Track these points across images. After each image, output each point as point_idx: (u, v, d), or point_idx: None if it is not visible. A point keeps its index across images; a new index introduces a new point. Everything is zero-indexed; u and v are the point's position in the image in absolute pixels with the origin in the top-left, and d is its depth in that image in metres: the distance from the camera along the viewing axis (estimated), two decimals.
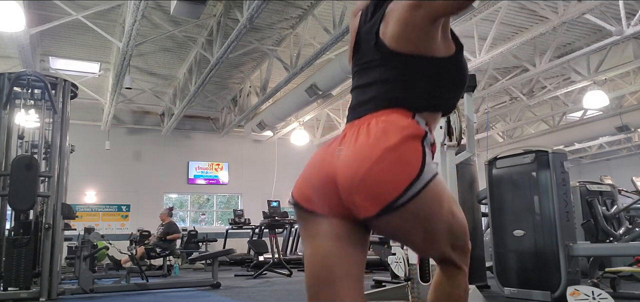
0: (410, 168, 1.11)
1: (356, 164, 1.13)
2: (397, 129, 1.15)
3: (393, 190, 1.09)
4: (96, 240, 6.32)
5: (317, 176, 1.21)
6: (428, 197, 1.12)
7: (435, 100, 1.28)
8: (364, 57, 1.32)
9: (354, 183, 1.12)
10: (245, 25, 6.43)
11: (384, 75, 1.25)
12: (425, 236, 1.19)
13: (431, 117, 1.27)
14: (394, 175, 1.10)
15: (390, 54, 1.23)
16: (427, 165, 1.13)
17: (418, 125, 1.19)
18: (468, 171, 5.30)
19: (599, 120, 11.85)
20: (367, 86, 1.29)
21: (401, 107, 1.22)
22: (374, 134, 1.15)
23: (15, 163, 4.67)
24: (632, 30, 6.77)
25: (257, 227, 10.62)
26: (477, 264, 4.99)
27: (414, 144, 1.14)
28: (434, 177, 1.14)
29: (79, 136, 9.24)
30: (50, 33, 7.90)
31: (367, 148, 1.14)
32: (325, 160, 1.22)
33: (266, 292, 5.50)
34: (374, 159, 1.11)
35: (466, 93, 4.19)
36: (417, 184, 1.10)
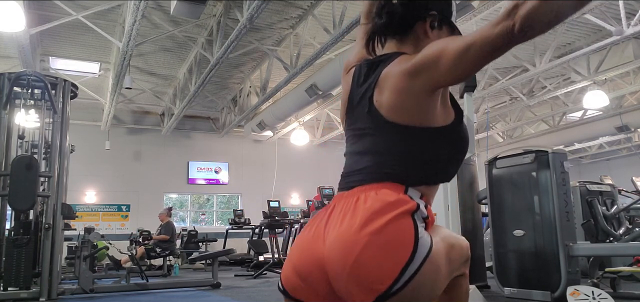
0: (402, 251, 1.04)
1: (344, 252, 1.06)
2: (384, 207, 1.08)
3: (386, 278, 1.03)
4: (96, 240, 6.32)
5: (305, 263, 1.14)
6: (425, 274, 1.06)
7: (432, 172, 1.21)
8: (356, 122, 1.26)
9: (344, 273, 1.06)
10: (245, 25, 6.43)
11: (377, 145, 1.19)
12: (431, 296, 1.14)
13: (428, 190, 1.21)
14: (386, 261, 1.04)
15: (385, 123, 1.17)
16: (420, 242, 1.06)
17: (408, 199, 1.12)
18: (468, 171, 5.29)
19: (599, 120, 11.86)
20: (359, 154, 1.23)
21: (393, 180, 1.16)
22: (361, 215, 1.09)
23: (15, 163, 4.67)
24: (632, 30, 6.77)
25: (257, 227, 10.62)
26: (477, 264, 4.99)
27: (404, 222, 1.08)
28: (428, 253, 1.07)
29: (79, 136, 9.25)
30: (50, 33, 7.90)
31: (353, 233, 1.07)
32: (311, 244, 1.15)
33: (266, 292, 5.50)
34: (361, 245, 1.05)
35: (466, 93, 4.20)
36: (411, 267, 1.04)
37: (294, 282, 1.16)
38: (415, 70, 1.10)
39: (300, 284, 1.14)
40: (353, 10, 6.66)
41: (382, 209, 1.08)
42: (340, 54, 8.14)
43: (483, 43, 1.00)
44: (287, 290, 1.18)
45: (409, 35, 1.27)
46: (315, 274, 1.12)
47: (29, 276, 4.61)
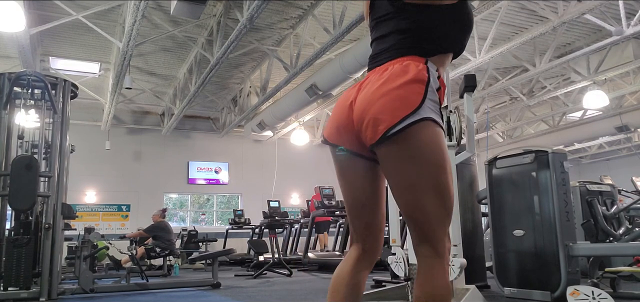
0: (408, 104, 1.26)
1: (367, 101, 1.32)
2: (405, 73, 1.31)
3: (390, 120, 1.25)
4: (96, 240, 6.32)
5: (340, 114, 1.41)
6: (420, 133, 1.26)
7: (446, 43, 1.42)
8: (379, 11, 1.47)
9: (363, 116, 1.32)
10: (245, 25, 6.43)
11: (399, 25, 1.40)
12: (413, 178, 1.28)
13: (442, 59, 1.42)
14: (394, 108, 1.26)
15: (403, 5, 1.39)
16: (425, 105, 1.27)
17: (424, 71, 1.32)
18: (468, 170, 5.29)
19: (599, 120, 11.86)
20: (384, 37, 1.44)
21: (415, 54, 1.37)
22: (386, 78, 1.32)
23: (15, 163, 4.67)
24: (632, 30, 6.78)
25: (257, 227, 10.62)
26: (477, 264, 4.99)
27: (417, 86, 1.29)
28: (429, 119, 1.27)
29: (79, 136, 9.26)
30: (50, 33, 7.91)
31: (378, 88, 1.31)
32: (346, 103, 1.40)
33: (266, 292, 5.50)
34: (380, 95, 1.29)
35: (466, 93, 4.19)
36: (410, 118, 1.25)
37: (331, 130, 1.45)
38: None
39: (335, 133, 1.44)
40: (353, 10, 6.66)
41: (404, 74, 1.31)
42: (340, 54, 8.14)
43: None
44: (326, 138, 1.48)
45: None
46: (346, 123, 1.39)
47: (29, 276, 4.61)
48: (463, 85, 4.22)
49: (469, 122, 4.07)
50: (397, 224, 4.32)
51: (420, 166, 1.28)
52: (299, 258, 9.18)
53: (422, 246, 1.32)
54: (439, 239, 1.30)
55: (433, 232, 1.30)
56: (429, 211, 1.28)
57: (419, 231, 1.32)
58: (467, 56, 8.18)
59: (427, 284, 1.29)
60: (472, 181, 5.39)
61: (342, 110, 1.41)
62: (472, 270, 4.45)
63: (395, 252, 4.06)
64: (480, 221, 5.50)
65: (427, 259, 1.31)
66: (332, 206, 8.32)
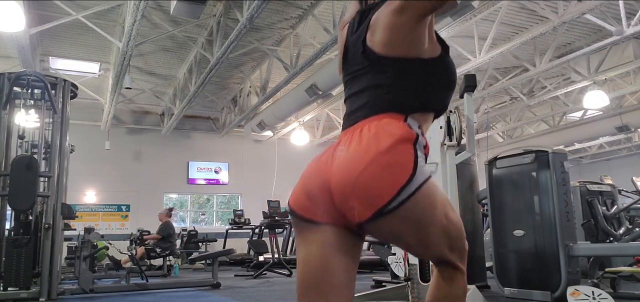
0: (402, 172, 1.13)
1: (349, 169, 1.15)
2: (388, 133, 1.18)
3: (385, 194, 1.11)
4: (96, 240, 6.32)
5: (313, 183, 1.23)
6: (420, 200, 1.14)
7: (426, 100, 1.30)
8: (353, 65, 1.35)
9: (347, 188, 1.14)
10: (245, 25, 6.43)
11: (374, 80, 1.28)
12: (420, 239, 1.21)
13: (423, 118, 1.29)
14: (386, 179, 1.12)
15: (378, 59, 1.27)
16: (419, 168, 1.15)
17: (409, 128, 1.21)
18: (468, 170, 5.29)
19: (599, 120, 11.85)
20: (358, 93, 1.31)
21: (393, 111, 1.24)
22: (366, 139, 1.18)
23: (15, 163, 4.67)
24: (632, 30, 6.77)
25: (257, 227, 10.62)
26: (477, 264, 4.99)
27: (406, 147, 1.16)
28: (426, 181, 1.16)
29: (79, 136, 9.25)
30: (50, 33, 7.90)
31: (359, 153, 1.16)
32: (320, 167, 1.24)
33: (266, 292, 5.50)
34: (365, 163, 1.13)
35: (466, 93, 4.19)
36: (408, 188, 1.12)
37: (301, 202, 1.25)
38: (402, 6, 1.20)
39: (307, 203, 1.24)
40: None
41: (387, 134, 1.18)
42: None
43: None
44: (294, 209, 1.27)
45: None
46: (321, 193, 1.20)
47: (29, 276, 4.61)
48: (463, 85, 4.21)
49: (469, 122, 4.07)
50: None
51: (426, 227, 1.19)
52: None
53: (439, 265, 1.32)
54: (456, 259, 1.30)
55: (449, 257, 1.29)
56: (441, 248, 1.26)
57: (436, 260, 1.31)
58: (467, 56, 8.17)
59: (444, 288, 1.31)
60: (472, 181, 5.40)
61: (315, 178, 1.23)
62: (472, 270, 4.43)
63: (395, 252, 4.06)
64: (480, 221, 5.50)
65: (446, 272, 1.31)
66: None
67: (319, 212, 1.22)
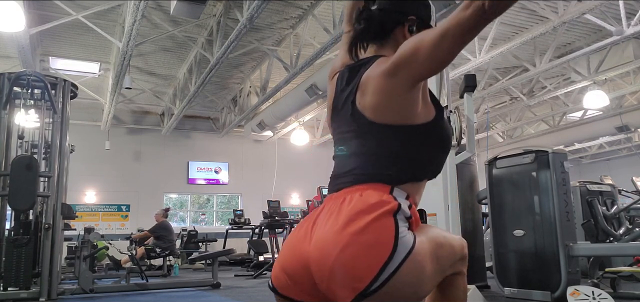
0: (381, 250, 1.07)
1: (326, 250, 1.10)
2: (367, 208, 1.11)
3: (365, 276, 1.05)
4: (96, 240, 6.31)
5: (292, 262, 1.18)
6: (405, 274, 1.07)
7: (417, 170, 1.23)
8: (341, 126, 1.30)
9: (325, 272, 1.09)
10: (245, 25, 6.43)
11: (362, 147, 1.22)
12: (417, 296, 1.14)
13: (414, 188, 1.23)
14: (365, 259, 1.06)
15: (368, 124, 1.20)
16: (400, 242, 1.08)
17: (391, 200, 1.14)
18: (468, 170, 5.29)
19: (599, 120, 11.85)
20: (346, 158, 1.27)
21: (378, 181, 1.18)
22: (344, 216, 1.12)
23: (15, 163, 4.67)
24: (632, 30, 6.77)
25: (257, 227, 10.62)
26: (477, 264, 4.99)
27: (385, 222, 1.10)
28: (409, 253, 1.08)
29: (79, 136, 9.25)
30: (50, 33, 7.90)
31: (335, 233, 1.10)
32: (298, 244, 1.18)
33: (266, 292, 5.49)
34: (342, 245, 1.08)
35: (466, 93, 4.19)
36: (389, 266, 1.06)
37: (282, 280, 1.20)
38: (395, 68, 1.13)
39: (288, 282, 1.18)
40: None
41: (365, 210, 1.11)
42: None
43: (457, 27, 1.03)
44: (276, 288, 1.22)
45: (389, 40, 1.31)
46: (301, 273, 1.15)
47: (29, 276, 4.61)
48: (463, 85, 4.21)
49: (469, 122, 4.07)
50: None
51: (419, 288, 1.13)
52: None
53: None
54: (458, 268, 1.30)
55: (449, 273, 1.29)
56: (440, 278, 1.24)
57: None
58: (467, 56, 8.18)
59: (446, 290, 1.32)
60: (472, 181, 5.39)
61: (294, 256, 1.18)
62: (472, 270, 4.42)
63: None
64: (480, 221, 5.50)
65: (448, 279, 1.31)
66: None
67: (299, 292, 1.17)
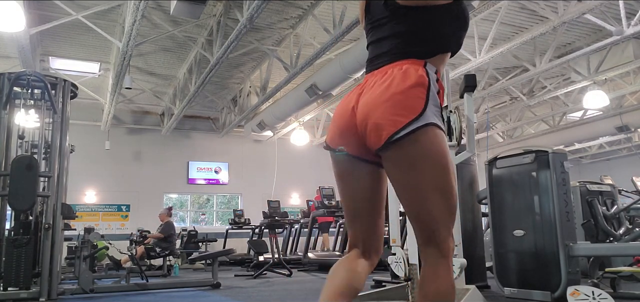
0: (412, 110, 1.27)
1: (369, 107, 1.33)
2: (406, 77, 1.32)
3: (393, 125, 1.27)
4: (96, 240, 6.31)
5: (342, 119, 1.41)
6: (423, 138, 1.27)
7: (443, 44, 1.43)
8: (375, 15, 1.48)
9: (366, 120, 1.32)
10: (245, 25, 6.43)
11: (395, 29, 1.41)
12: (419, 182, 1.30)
13: (440, 60, 1.43)
14: (397, 114, 1.28)
15: (399, 8, 1.39)
16: (427, 110, 1.28)
17: (425, 75, 1.33)
18: (468, 170, 5.29)
19: (599, 120, 11.85)
20: (380, 41, 1.45)
21: (413, 57, 1.37)
22: (387, 83, 1.33)
23: (15, 163, 4.66)
24: (632, 30, 6.77)
25: (257, 227, 10.62)
26: (477, 264, 4.99)
27: (419, 91, 1.30)
28: (432, 125, 1.29)
29: (79, 136, 9.25)
30: (50, 33, 7.90)
31: (379, 93, 1.32)
32: (347, 107, 1.40)
33: (266, 292, 5.50)
34: (382, 101, 1.30)
35: (466, 93, 4.19)
36: (414, 123, 1.26)
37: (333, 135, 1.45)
38: None
39: (338, 137, 1.43)
40: (353, 10, 6.66)
41: (405, 78, 1.32)
42: (340, 54, 8.13)
43: None
44: (328, 144, 1.47)
45: None
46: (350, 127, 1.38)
47: (29, 276, 4.61)
48: (463, 85, 4.21)
49: (469, 122, 4.07)
50: (397, 224, 4.31)
51: (424, 169, 1.29)
52: (299, 258, 9.18)
53: (426, 247, 1.34)
54: (444, 240, 1.33)
55: (437, 232, 1.32)
56: (433, 212, 1.31)
57: (424, 232, 1.34)
58: (467, 56, 8.17)
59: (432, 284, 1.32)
60: (472, 181, 5.39)
61: (344, 115, 1.41)
62: (472, 270, 4.45)
63: (395, 252, 4.06)
64: (480, 221, 5.50)
65: (431, 259, 1.33)
66: (332, 206, 8.33)
67: (347, 143, 1.40)
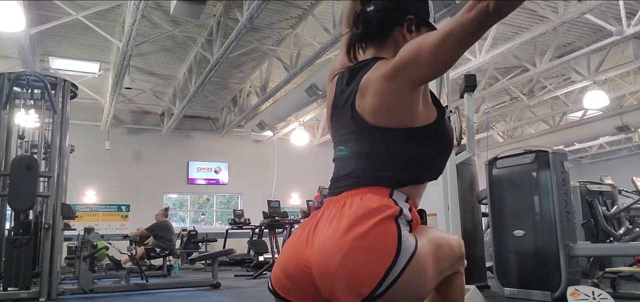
0: (386, 255, 1.06)
1: (328, 256, 1.09)
2: (368, 213, 1.11)
3: (370, 281, 1.05)
4: (96, 240, 6.31)
5: (293, 266, 1.17)
6: (409, 278, 1.07)
7: (417, 172, 1.22)
8: (341, 128, 1.28)
9: (328, 277, 1.09)
10: (245, 25, 6.43)
11: (362, 149, 1.21)
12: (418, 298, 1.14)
13: (414, 190, 1.22)
14: (369, 265, 1.06)
15: (368, 127, 1.19)
16: (402, 246, 1.07)
17: (392, 204, 1.13)
18: (468, 170, 5.29)
19: (599, 120, 11.85)
20: (345, 160, 1.25)
21: (378, 184, 1.17)
22: (345, 220, 1.11)
23: (15, 163, 4.67)
24: (632, 30, 6.77)
25: (257, 227, 10.62)
26: (477, 264, 4.99)
27: (387, 227, 1.09)
28: (412, 256, 1.08)
29: (79, 136, 9.25)
30: (50, 33, 7.90)
31: (337, 238, 1.09)
32: (299, 248, 1.17)
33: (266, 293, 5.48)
34: (345, 250, 1.07)
35: (466, 93, 4.19)
36: (394, 270, 1.05)
37: (283, 283, 1.19)
38: (394, 71, 1.12)
39: (289, 286, 1.17)
40: None
41: (366, 214, 1.10)
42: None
43: (460, 29, 1.02)
44: (276, 290, 1.21)
45: (388, 41, 1.29)
46: (302, 277, 1.14)
47: (29, 276, 4.61)
48: (463, 85, 4.21)
49: (469, 122, 4.07)
50: None
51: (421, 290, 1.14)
52: None
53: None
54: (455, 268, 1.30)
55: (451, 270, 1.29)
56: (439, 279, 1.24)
57: None
58: (467, 56, 8.17)
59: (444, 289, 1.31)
60: (472, 181, 5.39)
61: (296, 258, 1.16)
62: (472, 270, 4.44)
63: None
64: (480, 221, 5.50)
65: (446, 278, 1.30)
66: None
67: (300, 295, 1.16)
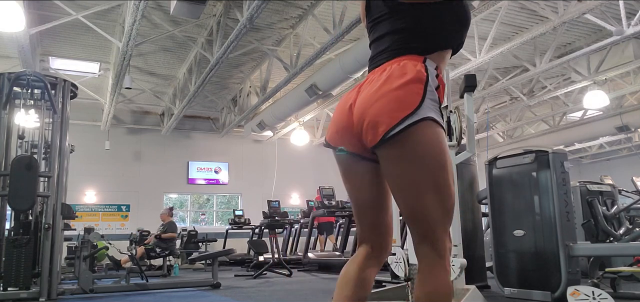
0: (407, 105, 1.26)
1: (366, 103, 1.32)
2: (402, 73, 1.31)
3: (389, 121, 1.25)
4: (96, 240, 6.31)
5: (341, 117, 1.41)
6: (420, 133, 1.25)
7: (443, 40, 1.42)
8: (374, 12, 1.48)
9: (362, 117, 1.32)
10: (245, 25, 6.43)
11: (394, 25, 1.41)
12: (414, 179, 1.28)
13: (441, 57, 1.41)
14: (392, 110, 1.26)
15: (397, 5, 1.40)
16: (424, 105, 1.26)
17: (423, 70, 1.32)
18: (468, 170, 5.29)
19: (599, 120, 11.85)
20: (381, 38, 1.45)
21: (412, 53, 1.37)
22: (385, 79, 1.32)
23: (15, 163, 4.66)
24: (632, 30, 6.77)
25: (257, 227, 10.62)
26: (477, 264, 4.99)
27: (416, 86, 1.28)
28: (429, 119, 1.26)
29: (79, 136, 9.25)
30: (50, 33, 7.90)
31: (376, 90, 1.31)
32: (345, 105, 1.41)
33: (266, 292, 5.49)
34: (378, 98, 1.29)
35: (466, 93, 4.19)
36: (409, 118, 1.24)
37: (333, 133, 1.45)
38: None
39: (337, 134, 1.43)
40: (353, 10, 6.66)
41: (401, 74, 1.31)
42: (340, 54, 8.13)
43: None
44: (328, 142, 1.47)
45: None
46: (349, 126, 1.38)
47: (29, 276, 4.61)
48: (463, 85, 4.21)
49: (469, 122, 4.07)
50: (397, 224, 4.31)
51: (420, 165, 1.27)
52: (299, 258, 9.18)
53: (422, 246, 1.31)
54: (439, 239, 1.30)
55: (433, 231, 1.29)
56: (429, 210, 1.28)
57: (420, 230, 1.31)
58: (467, 56, 8.17)
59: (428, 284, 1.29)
60: (472, 181, 5.39)
61: (342, 113, 1.41)
62: (472, 270, 4.44)
63: (395, 252, 4.06)
64: (480, 221, 5.50)
65: (427, 259, 1.30)
66: (332, 206, 8.32)
67: (347, 142, 1.40)
